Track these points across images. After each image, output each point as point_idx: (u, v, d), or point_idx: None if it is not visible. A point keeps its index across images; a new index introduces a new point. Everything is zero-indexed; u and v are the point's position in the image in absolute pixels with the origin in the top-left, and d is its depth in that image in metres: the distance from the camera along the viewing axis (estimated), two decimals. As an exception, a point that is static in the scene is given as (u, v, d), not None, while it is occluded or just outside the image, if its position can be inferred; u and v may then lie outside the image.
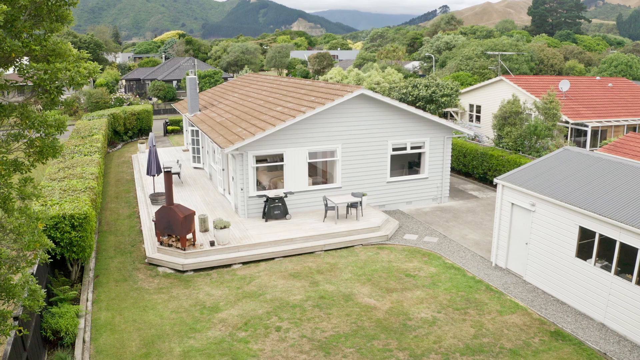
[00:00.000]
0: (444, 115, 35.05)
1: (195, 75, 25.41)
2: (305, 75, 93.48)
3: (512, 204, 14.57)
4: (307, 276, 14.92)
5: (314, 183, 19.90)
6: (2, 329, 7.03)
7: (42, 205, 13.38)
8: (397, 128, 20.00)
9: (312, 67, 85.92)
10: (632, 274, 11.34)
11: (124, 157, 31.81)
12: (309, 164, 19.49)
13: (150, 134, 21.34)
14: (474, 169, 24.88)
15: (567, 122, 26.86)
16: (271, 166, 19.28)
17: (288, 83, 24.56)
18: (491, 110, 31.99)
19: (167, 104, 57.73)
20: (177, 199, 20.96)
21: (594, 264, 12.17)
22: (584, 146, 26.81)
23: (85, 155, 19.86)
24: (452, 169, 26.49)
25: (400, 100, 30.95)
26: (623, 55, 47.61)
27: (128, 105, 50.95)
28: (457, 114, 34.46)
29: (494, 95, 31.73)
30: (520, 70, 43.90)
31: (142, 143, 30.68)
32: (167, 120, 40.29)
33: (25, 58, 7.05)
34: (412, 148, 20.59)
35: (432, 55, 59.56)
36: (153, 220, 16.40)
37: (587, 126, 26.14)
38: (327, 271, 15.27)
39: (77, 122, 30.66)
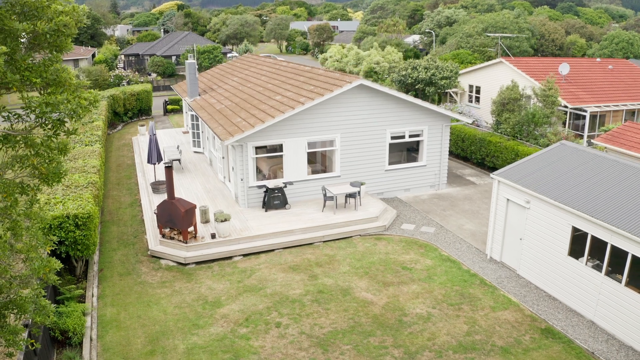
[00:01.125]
0: (444, 95, 34.93)
1: (194, 60, 25.25)
2: (305, 48, 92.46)
3: (508, 199, 14.81)
4: (306, 269, 15.29)
5: (313, 171, 20.10)
6: (16, 344, 7.36)
7: (46, 202, 13.62)
8: (396, 117, 20.08)
9: (312, 40, 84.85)
10: (622, 275, 11.67)
11: (124, 139, 31.89)
12: (308, 152, 19.63)
13: (151, 122, 21.42)
14: (472, 154, 25.04)
15: (565, 107, 26.86)
16: (271, 155, 19.44)
17: (287, 69, 24.47)
18: (490, 92, 31.91)
19: (166, 79, 57.34)
20: (177, 187, 21.21)
21: (586, 264, 12.50)
22: (582, 130, 26.89)
23: (86, 146, 20.00)
24: (451, 153, 26.63)
25: (400, 82, 30.85)
26: (624, 33, 47.03)
27: (127, 82, 50.70)
28: (456, 94, 34.36)
29: (493, 77, 31.60)
30: (521, 48, 43.49)
31: (142, 125, 30.71)
32: (166, 100, 40.17)
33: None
34: (410, 136, 20.71)
35: (433, 32, 58.80)
36: (155, 212, 16.67)
37: (585, 111, 26.16)
38: (326, 264, 15.63)
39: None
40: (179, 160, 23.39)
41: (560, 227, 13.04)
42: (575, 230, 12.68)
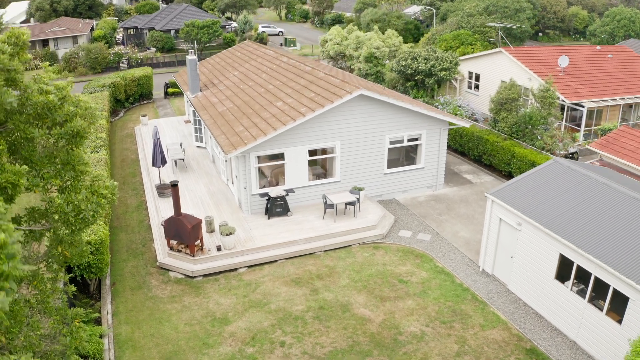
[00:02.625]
0: (444, 82, 34.99)
1: (195, 56, 25.39)
2: (305, 16, 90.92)
3: (501, 219, 15.49)
4: (308, 282, 16.14)
5: (314, 174, 20.66)
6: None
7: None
8: (394, 123, 20.50)
9: (312, 8, 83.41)
10: (604, 302, 12.49)
11: (127, 128, 32.26)
12: (309, 158, 20.14)
13: (154, 126, 21.81)
14: (470, 150, 25.54)
15: (563, 102, 27.15)
16: (273, 164, 19.96)
17: (288, 67, 24.63)
18: (490, 79, 32.06)
19: (165, 55, 56.95)
20: (182, 189, 21.84)
21: (571, 288, 13.31)
22: (579, 125, 27.28)
23: (92, 152, 20.49)
24: (449, 147, 27.11)
25: (400, 72, 30.96)
26: (626, 10, 46.48)
27: (127, 60, 50.48)
28: (456, 80, 34.45)
29: (492, 66, 31.67)
30: (522, 29, 43.17)
31: (144, 115, 31.04)
32: (167, 82, 40.21)
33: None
34: (409, 140, 21.18)
35: (433, 7, 57.94)
36: (162, 225, 17.38)
37: (583, 106, 26.47)
38: (326, 276, 16.47)
39: (80, 96, 30.74)
40: (182, 159, 23.91)
41: (548, 252, 13.77)
42: (562, 256, 13.42)
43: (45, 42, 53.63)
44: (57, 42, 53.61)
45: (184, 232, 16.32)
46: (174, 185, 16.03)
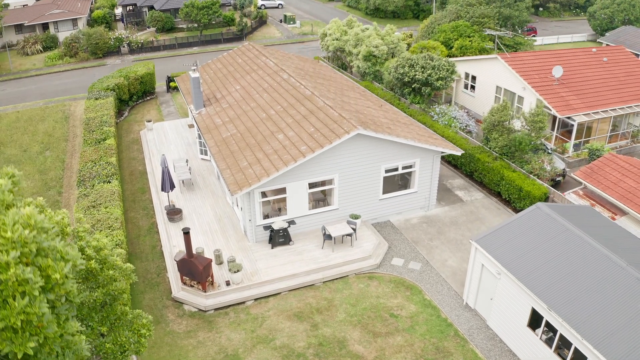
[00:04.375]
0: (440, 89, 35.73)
1: (198, 74, 26.26)
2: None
3: (483, 265, 17.11)
4: (308, 317, 17.96)
5: (314, 199, 22.09)
6: None
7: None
8: (390, 154, 21.76)
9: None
10: (568, 352, 14.28)
11: (132, 131, 33.37)
12: (309, 190, 21.54)
13: (162, 155, 23.06)
14: (462, 165, 26.85)
15: (555, 116, 28.19)
16: (276, 197, 21.38)
17: (288, 87, 25.52)
18: (485, 83, 32.90)
19: (164, 35, 56.96)
20: (189, 210, 23.37)
21: (540, 337, 15.10)
22: (569, 137, 28.44)
23: (104, 183, 21.86)
24: (442, 158, 28.37)
25: (397, 79, 31.78)
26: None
27: (127, 44, 50.72)
28: (453, 80, 35.20)
29: (488, 71, 32.43)
30: (520, 18, 43.30)
31: (149, 121, 32.11)
32: (169, 76, 40.88)
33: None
34: (403, 168, 22.51)
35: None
36: (175, 260, 19.03)
37: (574, 120, 27.53)
38: (325, 310, 18.28)
39: (85, 103, 31.77)
40: (189, 178, 25.28)
41: (522, 303, 15.48)
42: (533, 310, 15.12)
43: (45, 26, 53.61)
44: (57, 25, 53.60)
45: (196, 272, 18.01)
46: (186, 233, 17.56)
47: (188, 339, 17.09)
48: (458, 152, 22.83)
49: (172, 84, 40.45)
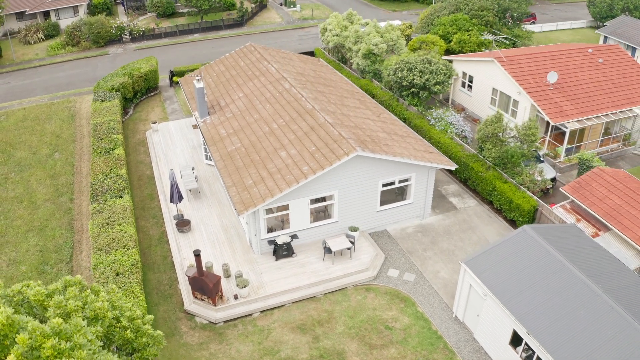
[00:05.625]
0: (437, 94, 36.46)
1: (202, 84, 27.13)
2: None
3: (471, 285, 18.56)
4: (310, 329, 19.53)
5: (315, 211, 23.33)
6: None
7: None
8: (387, 170, 22.93)
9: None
10: (543, 372, 15.88)
11: (138, 131, 34.35)
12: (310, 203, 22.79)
13: (170, 170, 24.20)
14: (457, 172, 28.03)
15: (548, 122, 29.16)
16: (279, 214, 22.64)
17: (289, 99, 26.42)
18: (482, 84, 33.69)
19: (165, 21, 57.06)
20: (196, 220, 24.71)
21: (520, 355, 16.67)
22: (562, 143, 29.52)
23: (116, 198, 23.09)
24: (438, 163, 29.48)
25: (395, 83, 32.60)
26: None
27: (129, 33, 51.02)
28: (450, 85, 35.93)
29: (485, 73, 33.18)
30: (520, 10, 43.55)
31: (154, 122, 33.09)
32: (172, 70, 41.51)
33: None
34: (399, 182, 23.71)
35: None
36: (187, 276, 20.46)
37: (567, 127, 28.55)
38: (325, 322, 19.84)
39: (92, 107, 32.66)
40: (196, 188, 26.50)
41: (504, 323, 16.99)
42: (514, 332, 16.63)
43: (46, 14, 53.70)
44: (58, 13, 53.68)
45: (207, 289, 19.49)
46: (197, 255, 18.95)
47: (201, 351, 18.71)
48: (452, 167, 23.98)
49: (174, 78, 41.14)
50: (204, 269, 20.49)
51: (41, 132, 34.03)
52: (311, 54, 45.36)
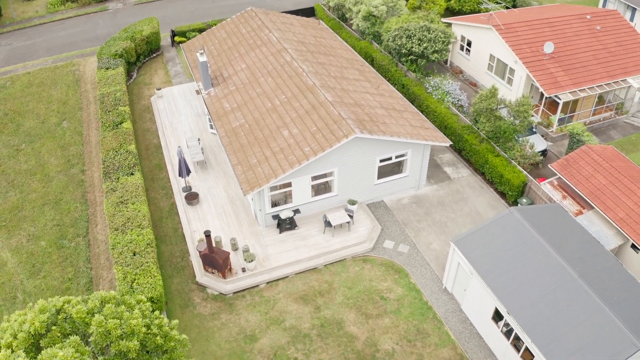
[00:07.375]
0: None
1: (206, 58, 27.66)
2: None
3: (459, 263, 20.25)
4: (312, 300, 21.46)
5: (316, 186, 24.70)
6: None
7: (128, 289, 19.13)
8: (384, 148, 24.07)
9: None
10: (521, 346, 17.85)
11: (143, 96, 35.01)
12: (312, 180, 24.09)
13: (178, 147, 25.27)
14: (452, 142, 29.10)
15: (542, 93, 29.85)
16: (282, 191, 23.98)
17: (291, 74, 27.05)
18: (480, 49, 33.99)
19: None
20: (204, 192, 26.14)
21: (500, 329, 18.63)
22: (555, 112, 30.38)
23: (128, 175, 24.33)
24: (435, 132, 30.47)
25: (394, 50, 32.93)
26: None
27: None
28: (448, 51, 36.14)
29: (483, 39, 33.39)
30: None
31: (158, 89, 33.75)
32: (173, 30, 41.39)
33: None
34: (396, 157, 24.91)
35: None
36: (198, 251, 22.14)
37: (560, 99, 29.32)
38: (326, 292, 21.75)
39: (97, 74, 33.17)
40: (202, 160, 27.70)
41: (487, 300, 18.82)
42: (496, 309, 18.48)
43: (40, -35, 52.36)
44: (52, -36, 52.34)
45: (217, 264, 21.24)
46: (208, 236, 20.52)
47: (213, 321, 20.72)
48: (446, 143, 25.08)
49: (176, 38, 41.14)
50: (214, 244, 22.14)
51: (48, 99, 34.73)
52: (312, 10, 44.97)
